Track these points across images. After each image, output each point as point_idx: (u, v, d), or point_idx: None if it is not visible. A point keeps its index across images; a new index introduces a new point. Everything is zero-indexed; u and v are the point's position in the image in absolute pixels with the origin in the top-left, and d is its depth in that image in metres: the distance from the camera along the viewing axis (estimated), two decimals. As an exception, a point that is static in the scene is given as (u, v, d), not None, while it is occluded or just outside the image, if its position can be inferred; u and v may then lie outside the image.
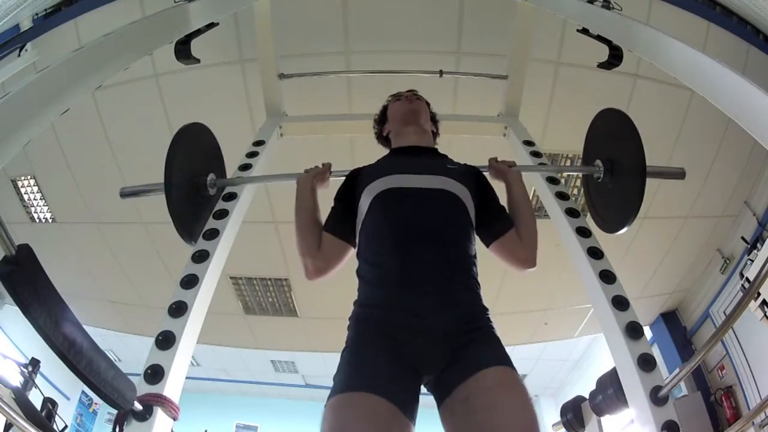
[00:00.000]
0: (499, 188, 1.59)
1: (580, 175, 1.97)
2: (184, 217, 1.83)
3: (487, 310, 1.25)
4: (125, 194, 1.88)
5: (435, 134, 1.71)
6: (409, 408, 1.04)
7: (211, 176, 1.99)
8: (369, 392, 1.01)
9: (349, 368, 1.11)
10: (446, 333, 1.14)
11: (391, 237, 1.27)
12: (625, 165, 1.85)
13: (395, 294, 1.19)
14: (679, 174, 1.88)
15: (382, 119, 1.73)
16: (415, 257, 1.22)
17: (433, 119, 1.72)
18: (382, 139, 1.72)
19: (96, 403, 7.75)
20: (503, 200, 1.54)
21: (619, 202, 1.88)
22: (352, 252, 1.41)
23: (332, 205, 1.49)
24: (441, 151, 1.63)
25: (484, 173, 1.59)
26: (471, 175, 1.48)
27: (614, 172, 1.90)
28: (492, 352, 1.13)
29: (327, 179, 1.63)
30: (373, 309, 1.21)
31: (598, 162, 1.96)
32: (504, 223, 1.42)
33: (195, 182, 1.91)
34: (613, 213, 1.93)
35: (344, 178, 1.55)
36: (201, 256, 1.84)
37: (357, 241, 1.39)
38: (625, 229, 1.84)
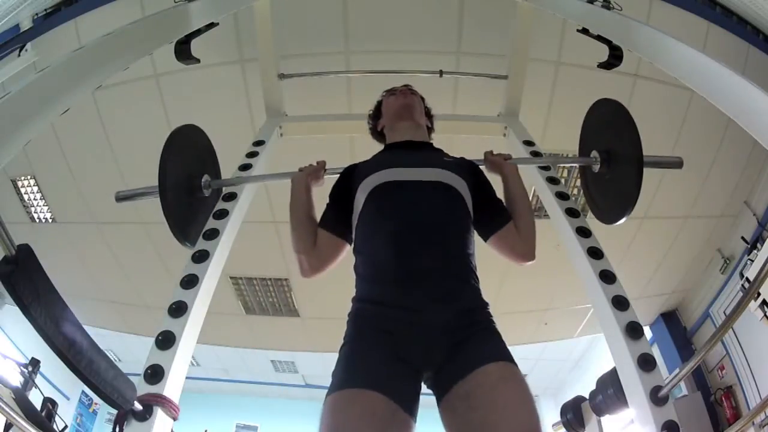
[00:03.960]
0: (495, 181, 1.57)
1: (579, 172, 1.92)
2: (180, 220, 1.83)
3: (487, 304, 1.24)
4: (120, 198, 1.88)
5: (430, 129, 1.70)
6: (408, 404, 1.04)
7: (205, 177, 1.98)
8: (367, 389, 1.01)
9: (347, 365, 1.11)
10: (445, 328, 1.13)
11: (387, 232, 1.25)
12: (621, 155, 1.81)
13: (392, 290, 1.18)
14: (677, 163, 1.84)
15: (376, 114, 1.72)
16: (412, 252, 1.20)
17: (428, 114, 1.71)
18: (377, 134, 1.72)
19: (96, 403, 7.74)
20: (500, 192, 1.52)
21: (617, 192, 1.85)
22: (349, 248, 1.39)
23: (327, 201, 1.47)
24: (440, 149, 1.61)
25: (481, 167, 1.59)
26: (468, 168, 1.47)
27: (611, 163, 1.87)
28: (492, 348, 1.13)
29: (322, 177, 1.62)
30: (370, 305, 1.20)
31: (595, 153, 1.93)
32: (502, 217, 1.41)
33: (190, 184, 1.92)
34: (611, 204, 1.90)
35: (339, 175, 1.54)
36: (201, 256, 1.84)
37: (353, 237, 1.37)
38: (623, 220, 1.81)
